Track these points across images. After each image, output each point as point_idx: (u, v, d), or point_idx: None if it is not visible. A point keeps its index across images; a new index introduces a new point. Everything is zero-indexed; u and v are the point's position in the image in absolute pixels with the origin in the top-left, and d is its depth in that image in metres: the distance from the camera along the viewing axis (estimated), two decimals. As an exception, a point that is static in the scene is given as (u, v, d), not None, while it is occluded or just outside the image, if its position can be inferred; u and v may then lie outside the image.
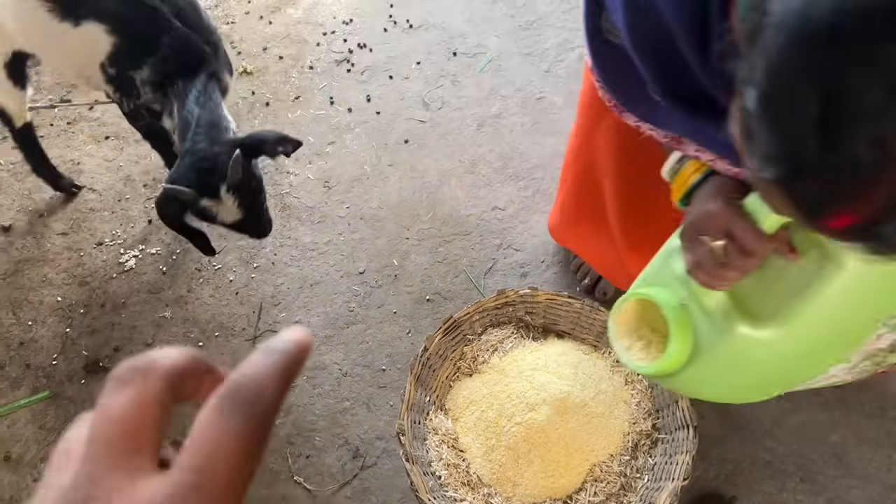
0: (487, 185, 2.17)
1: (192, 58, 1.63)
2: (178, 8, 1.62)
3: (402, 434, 1.53)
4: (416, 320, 1.94)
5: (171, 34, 1.60)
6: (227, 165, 1.48)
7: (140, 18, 1.58)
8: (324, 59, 2.57)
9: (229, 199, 1.51)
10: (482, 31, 2.56)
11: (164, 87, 1.65)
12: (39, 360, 2.01)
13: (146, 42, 1.61)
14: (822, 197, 0.47)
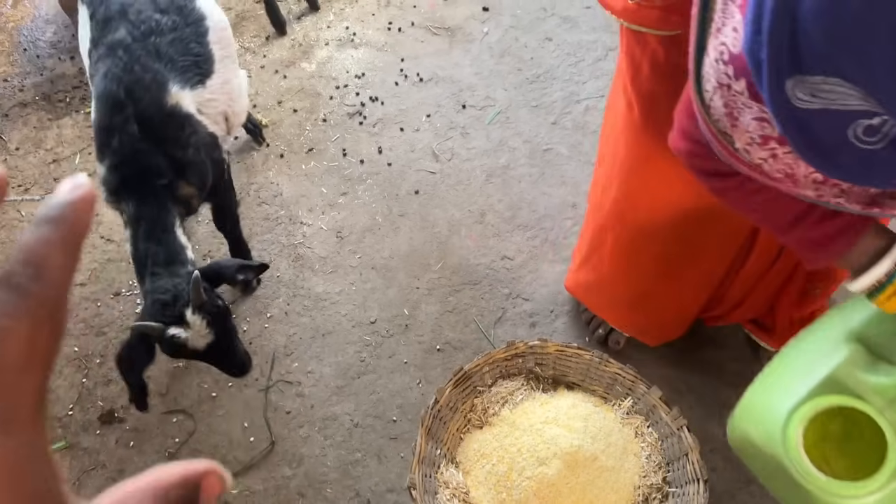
0: (496, 234, 2.21)
1: (141, 171, 1.60)
2: (143, 113, 1.59)
3: (414, 488, 1.54)
4: (427, 370, 1.96)
5: (120, 137, 1.58)
6: (188, 292, 1.49)
7: (108, 108, 1.60)
8: (337, 112, 2.65)
9: (197, 322, 1.48)
10: (490, 84, 2.63)
11: (118, 195, 1.63)
12: (56, 410, 2.03)
13: (106, 137, 1.61)
14: None
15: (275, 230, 2.34)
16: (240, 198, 2.44)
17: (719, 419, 1.78)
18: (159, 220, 1.62)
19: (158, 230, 1.61)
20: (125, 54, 1.61)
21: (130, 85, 1.59)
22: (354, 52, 2.86)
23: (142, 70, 1.61)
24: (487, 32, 2.82)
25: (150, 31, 1.65)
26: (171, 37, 1.67)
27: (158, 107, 1.61)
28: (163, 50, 1.65)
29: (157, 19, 1.66)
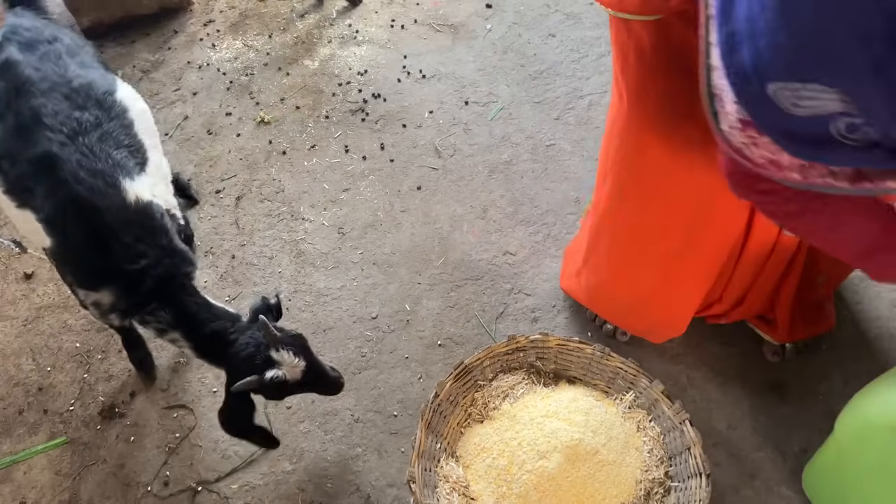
0: (499, 230, 2.20)
1: (161, 277, 1.55)
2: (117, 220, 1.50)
3: (413, 482, 1.53)
4: (428, 365, 1.95)
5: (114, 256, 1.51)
6: (262, 337, 1.53)
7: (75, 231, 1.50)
8: (339, 109, 2.64)
9: (284, 356, 1.51)
10: (493, 81, 2.63)
11: (141, 310, 1.58)
12: (57, 405, 2.03)
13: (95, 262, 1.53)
14: None
15: (277, 226, 2.33)
16: (242, 194, 2.45)
17: (722, 414, 1.76)
18: (200, 305, 1.60)
19: (203, 313, 1.60)
20: (62, 166, 1.46)
21: (85, 197, 1.47)
22: (357, 49, 2.85)
23: (89, 176, 1.49)
24: (490, 29, 2.81)
25: (74, 132, 1.51)
26: (99, 133, 1.54)
27: (124, 207, 1.51)
28: (96, 148, 1.52)
29: (78, 117, 1.53)
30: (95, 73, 1.65)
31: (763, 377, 1.80)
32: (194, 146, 2.63)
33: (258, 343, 1.53)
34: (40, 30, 1.64)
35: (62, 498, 1.87)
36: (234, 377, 1.54)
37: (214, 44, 3.01)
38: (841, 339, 1.83)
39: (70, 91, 1.56)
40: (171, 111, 2.77)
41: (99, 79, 1.63)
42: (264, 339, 1.52)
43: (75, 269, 1.56)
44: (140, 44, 3.09)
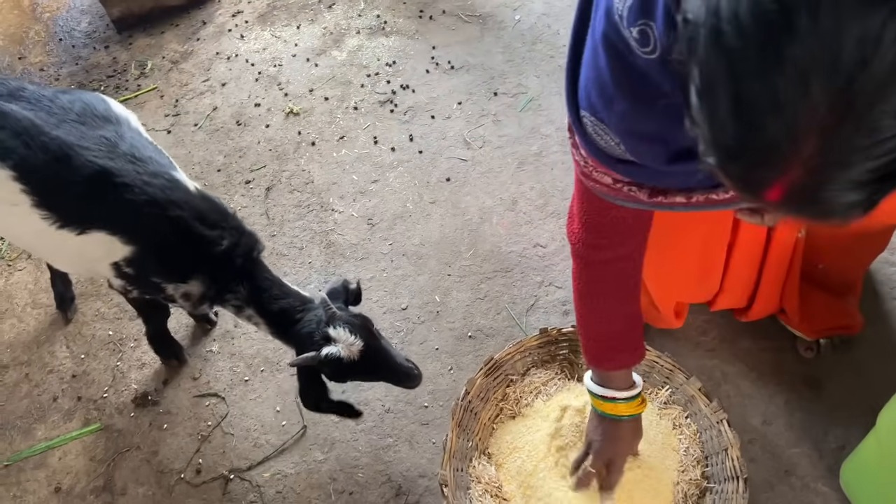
0: (528, 222, 2.19)
1: (241, 256, 1.60)
2: (194, 210, 1.55)
3: (445, 485, 1.51)
4: (458, 357, 1.95)
5: (201, 246, 1.55)
6: (322, 318, 1.54)
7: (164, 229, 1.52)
8: (368, 100, 2.64)
9: (341, 333, 1.50)
10: (522, 72, 2.61)
11: (225, 293, 1.62)
12: (91, 392, 2.06)
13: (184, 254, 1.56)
14: (752, 175, 0.55)
15: (306, 217, 2.34)
16: (271, 185, 2.46)
17: (757, 409, 1.74)
18: (272, 282, 1.64)
19: (275, 290, 1.63)
20: (123, 175, 1.49)
21: (160, 197, 1.51)
22: (385, 40, 2.85)
23: (151, 177, 1.52)
24: (519, 20, 2.79)
25: (109, 147, 1.53)
26: (127, 143, 1.56)
27: (192, 196, 1.56)
28: (137, 154, 1.55)
29: (103, 135, 1.55)
30: (81, 95, 1.63)
31: (798, 372, 1.78)
32: (224, 137, 2.64)
33: (320, 321, 1.55)
34: (5, 82, 1.59)
35: (96, 484, 1.89)
36: (297, 354, 1.57)
37: (243, 34, 3.02)
38: (879, 334, 1.80)
39: (78, 117, 1.56)
40: (201, 102, 2.79)
41: (90, 98, 1.62)
42: (324, 318, 1.54)
43: (162, 267, 1.58)
44: (169, 34, 3.11)
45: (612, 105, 0.80)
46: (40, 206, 1.51)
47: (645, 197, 0.92)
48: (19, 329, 2.23)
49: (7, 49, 3.18)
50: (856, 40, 0.45)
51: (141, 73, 2.96)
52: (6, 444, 2.01)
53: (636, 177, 0.90)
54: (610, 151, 0.87)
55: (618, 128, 0.83)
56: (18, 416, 2.05)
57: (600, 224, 1.11)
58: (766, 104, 0.50)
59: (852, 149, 0.49)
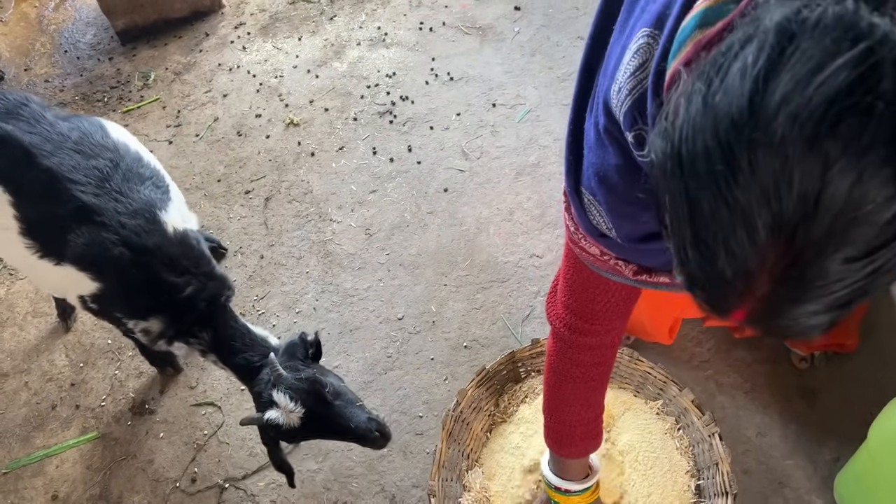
0: (525, 232, 2.19)
1: (206, 301, 1.59)
2: (164, 254, 1.54)
3: (433, 496, 1.52)
4: (453, 367, 1.95)
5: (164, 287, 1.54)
6: (271, 377, 1.48)
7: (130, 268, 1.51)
8: (367, 111, 2.66)
9: (282, 399, 1.42)
10: (521, 83, 2.62)
11: (187, 335, 1.61)
12: (89, 401, 2.07)
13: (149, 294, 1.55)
14: (716, 299, 0.57)
15: (305, 227, 2.35)
16: (271, 195, 2.47)
17: (751, 421, 1.74)
18: (236, 331, 1.61)
19: (238, 339, 1.60)
20: (102, 214, 1.49)
21: (134, 241, 1.50)
22: (385, 51, 2.87)
23: (130, 217, 1.51)
24: (518, 31, 2.81)
25: (99, 180, 1.52)
26: (120, 174, 1.55)
27: (167, 240, 1.55)
28: (125, 189, 1.54)
29: (96, 165, 1.54)
30: (80, 121, 1.64)
31: (793, 384, 1.77)
32: (224, 147, 2.66)
33: (268, 381, 1.49)
34: (6, 98, 1.60)
35: (93, 492, 1.90)
36: (256, 408, 1.53)
37: (245, 46, 3.05)
38: (874, 346, 1.79)
39: (74, 144, 1.55)
40: (203, 112, 2.81)
41: (88, 125, 1.62)
42: (271, 380, 1.48)
43: (125, 305, 1.58)
44: (172, 46, 3.15)
45: (611, 193, 0.80)
46: (26, 235, 1.53)
47: (630, 274, 0.93)
48: (20, 338, 2.25)
49: (13, 60, 3.22)
50: (797, 196, 0.47)
51: (144, 84, 2.99)
52: (5, 451, 2.02)
53: (621, 252, 0.91)
54: (599, 228, 0.87)
55: (615, 214, 0.83)
56: (17, 423, 2.07)
57: (587, 309, 1.08)
58: (719, 244, 0.52)
59: (804, 289, 0.51)
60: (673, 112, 0.54)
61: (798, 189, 0.46)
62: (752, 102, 0.47)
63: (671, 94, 0.56)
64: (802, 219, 0.47)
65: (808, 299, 0.52)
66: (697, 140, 0.50)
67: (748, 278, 0.52)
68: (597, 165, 0.79)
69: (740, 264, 0.52)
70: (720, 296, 0.56)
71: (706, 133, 0.49)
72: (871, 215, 0.46)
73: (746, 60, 0.48)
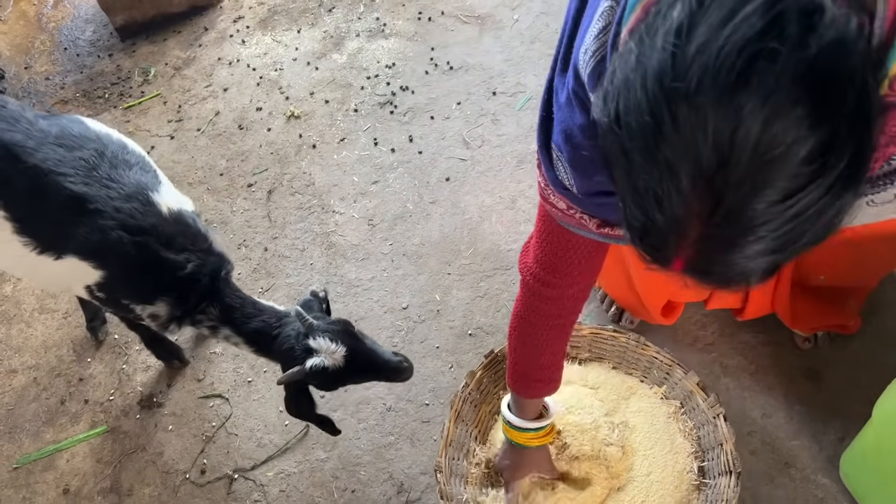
0: (528, 220, 2.20)
1: (209, 277, 1.60)
2: (162, 233, 1.55)
3: (440, 471, 1.53)
4: (459, 355, 1.96)
5: (167, 267, 1.55)
6: (300, 330, 1.54)
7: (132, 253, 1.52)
8: (368, 102, 2.66)
9: (322, 343, 1.49)
10: (521, 71, 2.62)
11: (195, 314, 1.62)
12: (97, 395, 2.09)
13: (151, 276, 1.56)
14: (655, 249, 0.60)
15: (308, 219, 2.36)
16: (273, 187, 2.48)
17: (756, 402, 1.75)
18: (244, 300, 1.64)
19: (248, 307, 1.63)
20: (96, 201, 1.50)
21: (131, 223, 1.51)
22: (385, 42, 2.87)
23: (124, 201, 1.52)
24: (518, 19, 2.80)
25: (87, 169, 1.53)
26: (107, 162, 1.56)
27: (163, 220, 1.56)
28: (114, 175, 1.55)
29: (81, 156, 1.54)
30: (58, 118, 1.64)
31: (797, 365, 1.78)
32: (226, 141, 2.67)
33: (298, 334, 1.54)
34: None
35: (103, 485, 1.92)
36: (283, 370, 1.56)
37: (244, 40, 3.05)
38: (877, 325, 1.79)
39: (56, 139, 1.55)
40: (203, 107, 2.82)
41: (66, 121, 1.63)
42: (302, 330, 1.54)
43: (130, 290, 1.59)
44: (172, 41, 3.15)
45: (575, 151, 0.85)
46: (21, 233, 1.53)
47: (594, 227, 0.98)
48: (27, 334, 2.27)
49: (13, 59, 3.22)
50: (712, 143, 0.49)
51: (144, 79, 3.00)
52: (15, 447, 2.04)
53: (584, 206, 0.95)
54: (563, 182, 0.92)
55: (574, 171, 0.88)
56: (27, 419, 2.08)
57: (555, 262, 1.14)
58: (650, 195, 0.55)
59: (734, 233, 0.54)
60: (611, 73, 0.57)
61: (713, 136, 0.49)
62: (674, 56, 0.50)
63: (613, 57, 0.60)
64: (720, 165, 0.50)
65: (739, 244, 0.54)
66: (630, 98, 0.53)
67: (679, 226, 0.55)
68: (564, 123, 0.84)
69: (670, 213, 0.55)
70: (658, 245, 0.59)
71: (636, 90, 0.52)
72: (785, 156, 0.48)
73: (672, 17, 0.51)
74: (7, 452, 2.03)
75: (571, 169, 0.87)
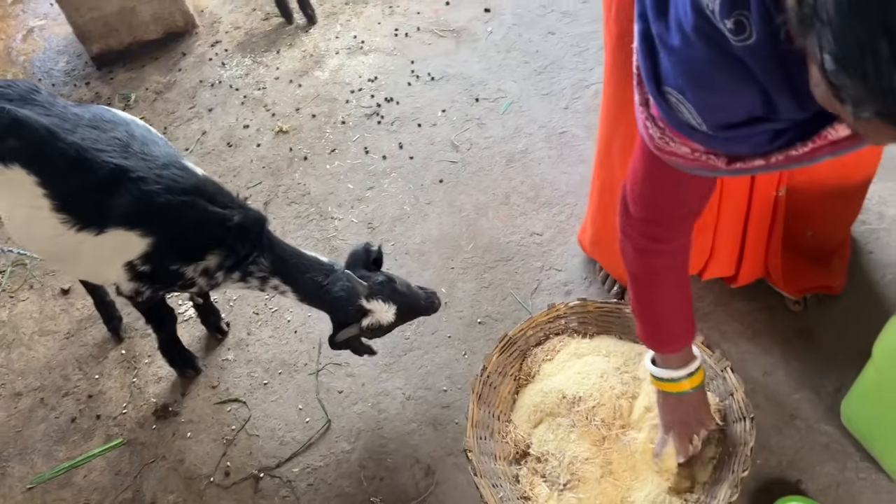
0: (523, 213, 2.30)
1: (256, 229, 1.68)
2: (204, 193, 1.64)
3: (470, 451, 1.60)
4: (471, 342, 2.03)
5: (217, 225, 1.63)
6: (354, 288, 1.66)
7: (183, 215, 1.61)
8: (354, 114, 2.74)
9: (376, 305, 1.66)
10: (500, 78, 2.74)
11: (249, 265, 1.69)
12: (109, 410, 2.08)
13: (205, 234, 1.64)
14: None
15: (307, 227, 2.41)
16: (269, 199, 2.53)
17: (756, 363, 1.86)
18: (291, 250, 1.73)
19: (297, 258, 1.72)
20: (137, 171, 1.58)
21: (176, 186, 1.60)
22: (365, 58, 2.96)
23: (162, 169, 1.62)
24: (491, 31, 2.94)
25: (122, 147, 1.62)
26: (138, 141, 1.65)
27: (202, 181, 1.66)
28: (147, 150, 1.64)
29: (115, 136, 1.63)
30: (88, 106, 1.74)
31: (791, 326, 1.90)
32: (216, 158, 2.71)
33: (350, 293, 1.66)
34: (16, 85, 1.67)
35: (125, 496, 1.91)
36: (335, 325, 1.73)
37: (224, 62, 3.11)
38: (860, 285, 1.94)
39: (89, 122, 1.64)
40: (189, 127, 2.86)
41: (96, 108, 1.73)
42: (354, 291, 1.65)
43: (181, 250, 1.64)
44: (150, 67, 3.18)
45: (703, 88, 0.88)
46: (60, 210, 1.58)
47: (724, 164, 0.97)
48: (28, 357, 2.25)
49: (-14, 92, 3.20)
50: None
51: (125, 105, 3.02)
52: (27, 468, 2.01)
53: (712, 144, 0.96)
54: (690, 123, 0.93)
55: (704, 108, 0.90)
56: (37, 440, 2.06)
57: (666, 216, 1.18)
58: None
59: None
60: None
61: None
62: None
63: None
64: None
65: None
66: None
67: None
68: (684, 64, 0.87)
69: None
70: None
71: None
72: None
73: None
74: (19, 474, 2.00)
75: (697, 107, 0.90)
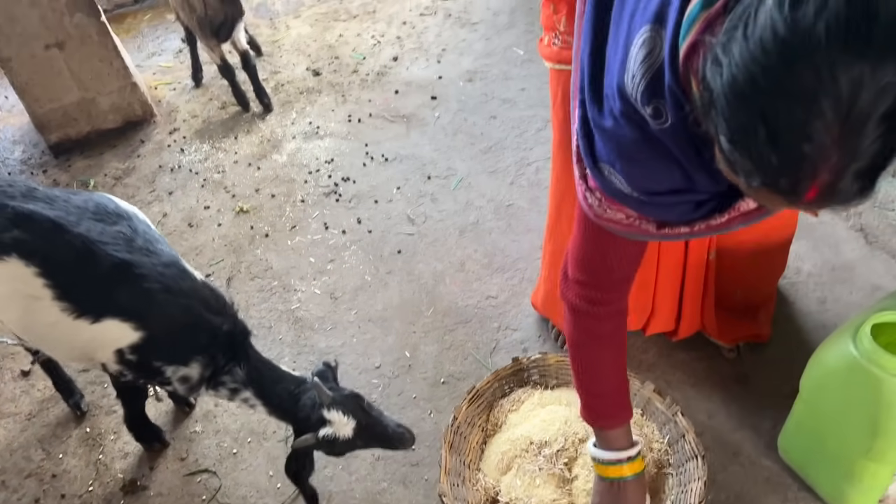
0: (478, 279, 2.45)
1: (239, 338, 1.74)
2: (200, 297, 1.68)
3: (444, 496, 1.68)
4: (436, 401, 2.13)
5: (203, 329, 1.67)
6: (317, 401, 1.69)
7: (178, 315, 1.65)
8: (313, 193, 2.89)
9: (335, 416, 1.65)
10: (449, 158, 2.96)
11: (223, 374, 1.72)
12: (74, 488, 2.06)
13: (188, 337, 1.67)
14: (792, 184, 0.71)
15: (270, 299, 2.50)
16: (232, 275, 2.61)
17: (700, 407, 2.02)
18: (266, 364, 1.78)
19: (270, 373, 1.76)
20: (140, 267, 1.63)
21: (174, 287, 1.65)
22: (321, 142, 3.14)
23: (164, 267, 1.66)
24: (439, 116, 3.18)
25: (125, 241, 1.66)
26: (140, 237, 1.70)
27: (198, 285, 1.71)
28: (150, 247, 1.69)
29: (119, 230, 1.68)
30: (90, 195, 1.79)
31: (728, 373, 2.08)
32: (178, 238, 2.79)
33: (314, 403, 1.68)
34: (14, 182, 1.73)
35: (93, 575, 1.88)
36: (296, 435, 1.70)
37: (183, 148, 3.23)
38: (786, 333, 2.15)
39: (93, 214, 1.70)
40: (149, 210, 2.94)
41: (98, 197, 1.78)
42: (318, 400, 1.68)
43: (168, 350, 1.68)
44: (109, 154, 3.28)
45: (630, 162, 1.00)
46: (62, 299, 1.62)
47: (654, 229, 1.08)
48: (-14, 440, 2.21)
49: (-61, 181, 3.22)
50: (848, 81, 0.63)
51: (85, 190, 3.09)
52: (-13, 553, 1.96)
53: (643, 210, 1.06)
54: (622, 191, 1.05)
55: (632, 179, 1.02)
56: (-3, 524, 2.02)
57: (603, 280, 1.26)
58: (797, 134, 0.67)
59: (858, 150, 0.67)
60: (713, 59, 0.71)
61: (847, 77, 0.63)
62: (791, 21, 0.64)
63: (706, 50, 0.73)
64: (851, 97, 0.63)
65: (858, 159, 0.67)
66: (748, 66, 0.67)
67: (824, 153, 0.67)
68: (614, 141, 1.02)
69: (817, 143, 0.66)
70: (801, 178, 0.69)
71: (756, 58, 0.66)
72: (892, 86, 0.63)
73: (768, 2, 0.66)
74: (-22, 560, 1.95)
75: (626, 178, 1.02)
